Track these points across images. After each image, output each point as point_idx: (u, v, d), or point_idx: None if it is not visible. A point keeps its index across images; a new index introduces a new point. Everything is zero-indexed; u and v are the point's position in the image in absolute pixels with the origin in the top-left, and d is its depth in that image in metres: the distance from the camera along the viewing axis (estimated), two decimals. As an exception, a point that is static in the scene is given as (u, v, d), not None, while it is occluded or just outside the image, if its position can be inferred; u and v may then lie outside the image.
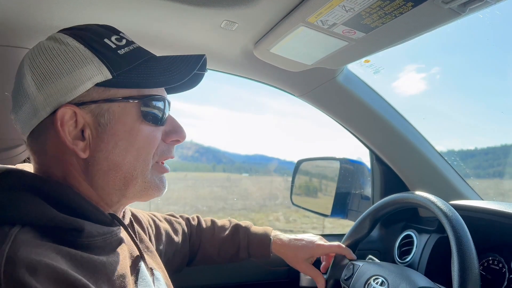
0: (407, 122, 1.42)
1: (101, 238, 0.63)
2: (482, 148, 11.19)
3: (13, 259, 0.49)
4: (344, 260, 1.13)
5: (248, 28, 0.98)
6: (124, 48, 0.67)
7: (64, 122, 0.63)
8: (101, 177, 0.66)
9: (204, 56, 0.72)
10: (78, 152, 0.64)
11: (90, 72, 0.63)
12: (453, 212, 0.89)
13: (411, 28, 0.82)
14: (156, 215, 1.11)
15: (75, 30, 0.67)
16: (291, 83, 1.34)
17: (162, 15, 0.94)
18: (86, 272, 0.56)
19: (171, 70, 0.68)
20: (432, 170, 1.44)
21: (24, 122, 0.66)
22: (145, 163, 0.69)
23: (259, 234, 1.17)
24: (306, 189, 1.92)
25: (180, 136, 0.75)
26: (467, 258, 0.79)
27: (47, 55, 0.63)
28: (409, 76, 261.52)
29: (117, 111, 0.66)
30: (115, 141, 0.66)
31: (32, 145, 0.67)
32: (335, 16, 0.80)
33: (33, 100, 0.63)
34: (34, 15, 0.91)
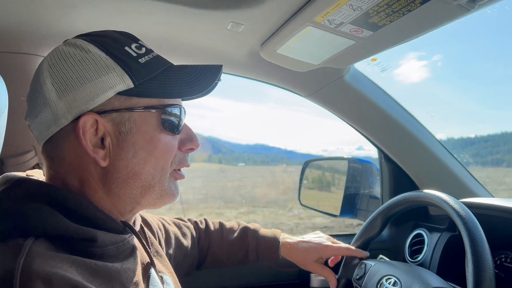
0: (416, 120, 1.41)
1: (114, 247, 0.63)
2: (482, 136, 11.09)
3: (28, 272, 0.49)
4: (355, 259, 1.13)
5: (255, 29, 0.98)
6: (145, 57, 0.67)
7: (86, 130, 0.62)
8: (119, 186, 0.66)
9: (221, 67, 0.73)
10: (99, 161, 0.64)
11: (112, 81, 0.63)
12: (466, 211, 0.88)
13: (419, 25, 0.82)
14: (165, 219, 1.11)
15: (95, 36, 0.67)
16: (297, 83, 1.34)
17: (168, 18, 0.94)
18: (101, 280, 0.56)
19: (191, 81, 0.68)
20: (442, 168, 1.43)
21: (42, 128, 0.65)
22: (163, 171, 0.69)
23: (268, 237, 1.17)
24: (314, 189, 1.92)
25: (195, 145, 0.76)
26: (481, 258, 0.78)
27: (68, 61, 0.63)
28: (411, 64, 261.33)
29: (138, 120, 0.66)
30: (135, 150, 0.66)
31: (48, 152, 0.67)
32: (342, 15, 0.80)
33: (53, 107, 0.62)
34: (42, 22, 0.92)
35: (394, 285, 0.96)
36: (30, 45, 1.00)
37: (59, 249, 0.56)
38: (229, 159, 31.25)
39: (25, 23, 0.93)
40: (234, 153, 37.20)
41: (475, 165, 4.62)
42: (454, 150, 1.45)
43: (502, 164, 10.11)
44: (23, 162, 1.15)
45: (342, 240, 1.20)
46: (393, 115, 1.37)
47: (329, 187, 1.88)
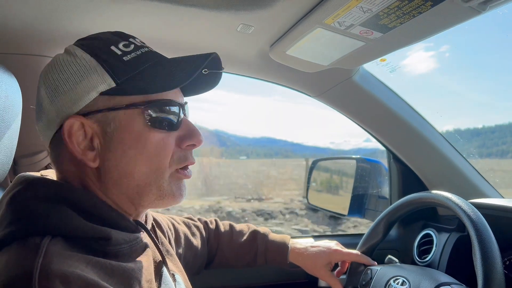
0: (425, 120, 1.41)
1: (128, 245, 0.65)
2: (489, 126, 10.89)
3: (46, 272, 0.50)
4: (361, 266, 1.13)
5: (264, 31, 0.98)
6: (131, 54, 0.66)
7: (73, 133, 0.63)
8: (114, 186, 0.66)
9: (213, 54, 0.69)
10: (87, 162, 0.64)
11: (94, 82, 0.63)
12: (474, 211, 0.88)
13: (429, 27, 0.82)
14: (175, 218, 1.12)
15: (87, 40, 0.68)
16: (307, 84, 1.34)
17: (178, 20, 0.95)
18: (118, 279, 0.58)
19: (174, 73, 0.66)
20: (451, 168, 1.42)
21: (43, 134, 0.68)
22: (159, 171, 0.67)
23: (277, 241, 1.17)
24: (322, 189, 1.92)
25: (196, 140, 0.72)
26: (490, 259, 0.79)
27: (58, 68, 0.65)
28: (418, 55, 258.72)
29: (123, 119, 0.65)
30: (123, 150, 0.65)
31: (52, 156, 0.69)
32: (353, 17, 0.80)
33: (47, 113, 0.65)
34: (54, 24, 0.93)
35: (402, 285, 0.96)
36: (42, 47, 1.02)
37: (75, 248, 0.57)
38: (233, 152, 31.20)
39: (37, 25, 0.94)
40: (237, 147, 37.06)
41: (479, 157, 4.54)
42: (460, 142, 1.44)
43: (507, 155, 9.99)
44: (36, 162, 1.16)
45: (350, 239, 1.20)
46: (402, 115, 1.37)
47: (337, 186, 1.88)
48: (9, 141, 0.69)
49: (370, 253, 1.17)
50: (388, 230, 1.15)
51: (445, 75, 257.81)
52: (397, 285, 0.97)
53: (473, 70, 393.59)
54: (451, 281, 0.92)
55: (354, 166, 1.70)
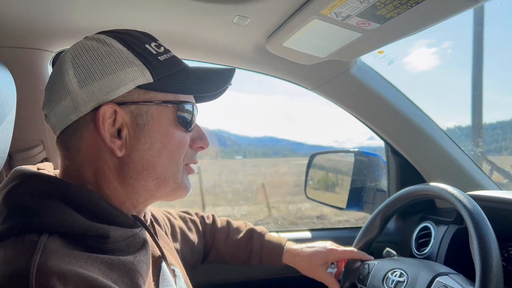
0: (423, 113, 1.41)
1: (125, 242, 0.64)
2: (490, 123, 10.78)
3: (44, 269, 0.49)
4: (358, 261, 1.12)
5: (261, 22, 0.98)
6: (164, 55, 0.70)
7: (105, 119, 0.64)
8: (133, 177, 0.68)
9: (235, 70, 0.76)
10: (115, 150, 0.65)
11: (133, 74, 0.65)
12: (472, 203, 0.88)
13: (426, 17, 0.81)
14: (171, 213, 1.12)
15: (117, 33, 0.70)
16: (304, 77, 1.34)
17: (174, 12, 0.94)
18: (118, 273, 0.57)
19: (206, 80, 0.72)
20: (449, 161, 1.42)
21: (61, 117, 0.66)
22: (177, 166, 0.72)
23: (272, 242, 1.17)
24: (320, 183, 1.92)
25: (205, 143, 0.78)
26: (488, 250, 0.78)
27: (91, 54, 0.65)
28: (420, 51, 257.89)
29: (155, 114, 0.68)
30: (151, 142, 0.68)
31: (65, 141, 0.68)
32: (349, 7, 0.79)
33: (74, 96, 0.64)
34: (50, 17, 0.93)
35: (400, 277, 0.96)
36: (38, 40, 1.01)
37: (72, 245, 0.56)
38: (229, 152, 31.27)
39: (33, 18, 0.93)
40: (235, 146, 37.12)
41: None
42: (461, 138, 1.44)
43: (506, 151, 9.98)
44: (31, 157, 1.15)
45: (347, 232, 1.20)
46: (400, 108, 1.37)
47: (335, 180, 1.88)
48: (3, 135, 0.68)
49: (367, 248, 1.16)
50: (384, 225, 1.14)
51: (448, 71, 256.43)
52: (395, 277, 0.97)
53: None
54: (449, 271, 0.92)
55: (352, 160, 1.69)
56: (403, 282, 0.95)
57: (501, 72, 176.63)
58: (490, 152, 8.21)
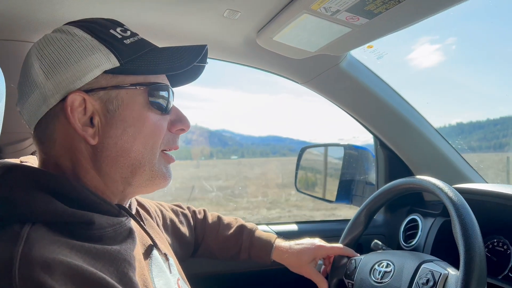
0: (411, 107, 1.42)
1: (112, 229, 0.64)
2: (494, 119, 10.83)
3: (27, 259, 0.49)
4: (344, 258, 1.13)
5: (251, 16, 0.98)
6: (130, 39, 0.69)
7: (74, 108, 0.63)
8: (109, 164, 0.67)
9: (206, 46, 0.73)
10: (88, 138, 0.65)
11: (98, 60, 0.64)
12: (456, 195, 0.89)
13: (414, 13, 0.82)
14: (163, 205, 1.12)
15: (82, 22, 0.69)
16: (294, 71, 1.35)
17: (164, 6, 0.94)
18: (103, 262, 0.57)
19: (175, 58, 0.69)
20: (436, 154, 1.44)
21: (32, 111, 0.66)
22: (153, 151, 0.70)
23: (262, 239, 1.17)
24: (310, 176, 1.93)
25: (185, 125, 0.76)
26: (472, 241, 0.80)
27: (55, 45, 0.64)
28: (424, 48, 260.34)
29: (125, 98, 0.67)
30: (124, 127, 0.66)
31: (39, 135, 0.68)
32: (338, 2, 0.80)
33: (42, 88, 0.64)
34: (38, 9, 0.92)
35: (387, 267, 0.98)
36: (26, 32, 1.00)
37: (57, 234, 0.56)
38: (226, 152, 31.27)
39: (21, 10, 0.92)
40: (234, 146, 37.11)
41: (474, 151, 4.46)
42: (461, 135, 1.46)
43: (504, 148, 10.07)
44: (21, 150, 1.15)
45: (336, 224, 1.21)
46: (388, 102, 1.38)
47: (325, 173, 1.89)
48: None
49: (353, 244, 1.17)
50: (369, 220, 1.15)
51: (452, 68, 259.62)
52: (382, 268, 0.99)
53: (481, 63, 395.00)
54: (434, 258, 0.94)
55: (341, 153, 1.71)
56: (390, 272, 0.97)
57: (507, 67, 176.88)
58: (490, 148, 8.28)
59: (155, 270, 0.72)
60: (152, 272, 0.71)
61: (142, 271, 0.67)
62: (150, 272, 0.71)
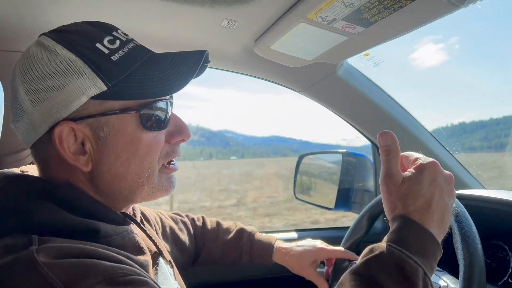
0: (408, 114, 1.43)
1: (119, 236, 0.64)
2: (496, 118, 10.82)
3: (44, 249, 0.50)
4: (345, 261, 1.13)
5: (248, 26, 0.99)
6: (118, 52, 0.63)
7: (63, 138, 0.61)
8: (106, 187, 0.66)
9: (206, 52, 0.68)
10: (80, 167, 0.63)
11: (84, 86, 0.60)
12: (455, 203, 0.89)
13: (409, 21, 0.83)
14: (163, 213, 1.12)
15: (63, 33, 0.63)
16: (291, 79, 1.35)
17: (161, 15, 0.94)
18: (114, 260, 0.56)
19: (170, 75, 0.64)
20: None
21: (24, 134, 0.65)
22: (150, 170, 0.68)
23: (262, 241, 1.17)
24: (309, 183, 1.93)
25: (185, 136, 0.72)
26: (471, 248, 0.80)
27: (38, 67, 0.60)
28: (427, 48, 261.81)
29: (116, 123, 0.63)
30: (117, 153, 0.64)
31: (35, 155, 0.67)
32: (335, 11, 0.81)
33: (29, 115, 0.61)
34: (43, 21, 0.92)
35: None
36: (25, 44, 1.00)
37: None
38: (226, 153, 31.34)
39: (19, 21, 0.93)
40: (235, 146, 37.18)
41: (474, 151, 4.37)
42: (463, 136, 1.46)
43: (505, 147, 10.05)
44: (20, 160, 1.15)
45: (335, 232, 1.20)
46: (386, 109, 1.39)
47: (324, 180, 1.89)
48: None
49: (355, 248, 1.17)
50: (371, 224, 1.15)
51: (455, 67, 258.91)
52: (381, 276, 0.98)
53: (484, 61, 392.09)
54: None
55: (340, 160, 1.71)
56: None
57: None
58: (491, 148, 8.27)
59: (161, 277, 0.72)
60: (158, 279, 0.71)
61: (151, 277, 0.66)
62: (156, 279, 0.70)
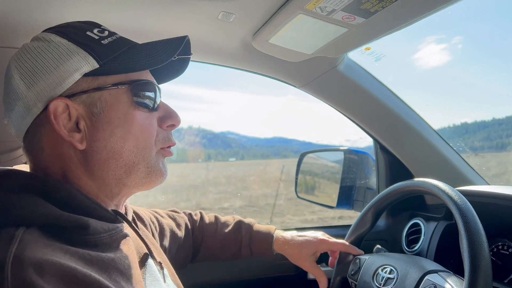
0: (410, 109, 1.41)
1: (107, 234, 0.63)
2: (499, 119, 10.73)
3: (20, 259, 0.48)
4: (349, 256, 1.12)
5: (246, 18, 0.97)
6: (107, 38, 0.68)
7: (58, 115, 0.63)
8: (101, 167, 0.66)
9: (187, 37, 0.72)
10: (75, 144, 0.64)
11: (76, 64, 0.63)
12: (461, 198, 0.87)
13: (412, 11, 0.81)
14: (158, 212, 1.11)
15: (58, 27, 0.68)
16: (291, 74, 1.33)
17: (157, 9, 0.93)
18: (97, 269, 0.56)
19: (155, 53, 0.68)
20: (437, 156, 1.42)
21: (18, 122, 0.66)
22: (146, 149, 0.70)
23: (261, 232, 1.16)
24: (310, 181, 1.91)
25: (175, 120, 0.75)
26: (477, 245, 0.78)
27: (32, 53, 0.64)
28: (430, 48, 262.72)
29: (109, 99, 0.66)
30: (111, 129, 0.66)
31: (28, 146, 0.67)
32: (334, 1, 0.79)
33: (24, 98, 0.64)
34: (40, 18, 0.91)
35: (390, 273, 0.96)
36: (21, 40, 0.98)
37: (51, 238, 0.55)
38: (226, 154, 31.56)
39: (16, 18, 0.91)
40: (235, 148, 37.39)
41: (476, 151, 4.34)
42: (466, 135, 1.45)
43: (506, 147, 10.01)
44: (15, 158, 1.14)
45: (338, 231, 1.19)
46: (388, 105, 1.36)
47: (325, 178, 1.87)
48: None
49: (358, 242, 1.16)
50: (376, 219, 1.14)
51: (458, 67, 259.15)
52: (385, 274, 0.97)
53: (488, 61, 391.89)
54: (438, 268, 0.92)
55: (341, 158, 1.69)
56: (392, 279, 0.95)
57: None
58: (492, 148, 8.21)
59: (149, 279, 0.71)
60: (146, 281, 0.69)
61: (136, 279, 0.65)
62: (144, 281, 0.69)
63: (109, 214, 0.66)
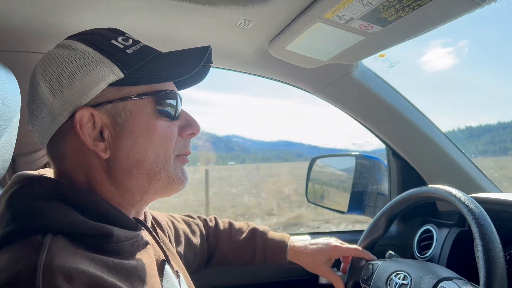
0: (423, 115, 1.41)
1: (129, 242, 0.64)
2: (504, 122, 10.53)
3: (50, 267, 0.49)
4: (362, 261, 1.12)
5: (264, 26, 0.98)
6: (132, 48, 0.69)
7: (83, 124, 0.64)
8: (124, 176, 0.67)
9: (210, 47, 0.73)
10: (99, 153, 0.65)
11: (102, 73, 0.64)
12: (476, 206, 0.88)
13: (429, 20, 0.81)
14: (175, 217, 1.12)
15: (82, 35, 0.69)
16: (305, 80, 1.34)
17: (177, 16, 0.94)
18: (120, 277, 0.57)
19: (179, 64, 0.69)
20: (450, 163, 1.42)
21: (43, 129, 0.67)
22: (166, 158, 0.70)
23: (276, 240, 1.17)
24: (321, 186, 1.92)
25: (195, 129, 0.76)
26: (492, 253, 0.78)
27: (58, 61, 0.65)
28: (436, 51, 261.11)
29: (133, 109, 0.67)
30: (134, 138, 0.67)
31: (52, 152, 0.68)
32: (352, 11, 0.80)
33: (50, 106, 0.64)
34: (53, 20, 0.93)
35: (404, 280, 0.96)
36: (41, 45, 1.01)
37: (77, 246, 0.56)
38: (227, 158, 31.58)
39: (36, 22, 0.93)
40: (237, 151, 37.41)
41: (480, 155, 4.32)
42: (469, 139, 1.44)
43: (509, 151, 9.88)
44: (34, 160, 1.16)
45: (351, 235, 1.19)
46: (401, 111, 1.37)
47: (337, 183, 1.88)
48: (8, 139, 0.68)
49: (371, 248, 1.16)
50: (389, 225, 1.14)
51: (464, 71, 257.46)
52: (398, 280, 0.97)
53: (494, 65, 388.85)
54: (452, 275, 0.92)
55: (353, 163, 1.69)
56: (406, 285, 0.95)
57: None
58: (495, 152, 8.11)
59: (166, 286, 0.72)
60: (163, 287, 0.71)
61: (157, 286, 0.66)
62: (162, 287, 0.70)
63: (131, 222, 0.68)
